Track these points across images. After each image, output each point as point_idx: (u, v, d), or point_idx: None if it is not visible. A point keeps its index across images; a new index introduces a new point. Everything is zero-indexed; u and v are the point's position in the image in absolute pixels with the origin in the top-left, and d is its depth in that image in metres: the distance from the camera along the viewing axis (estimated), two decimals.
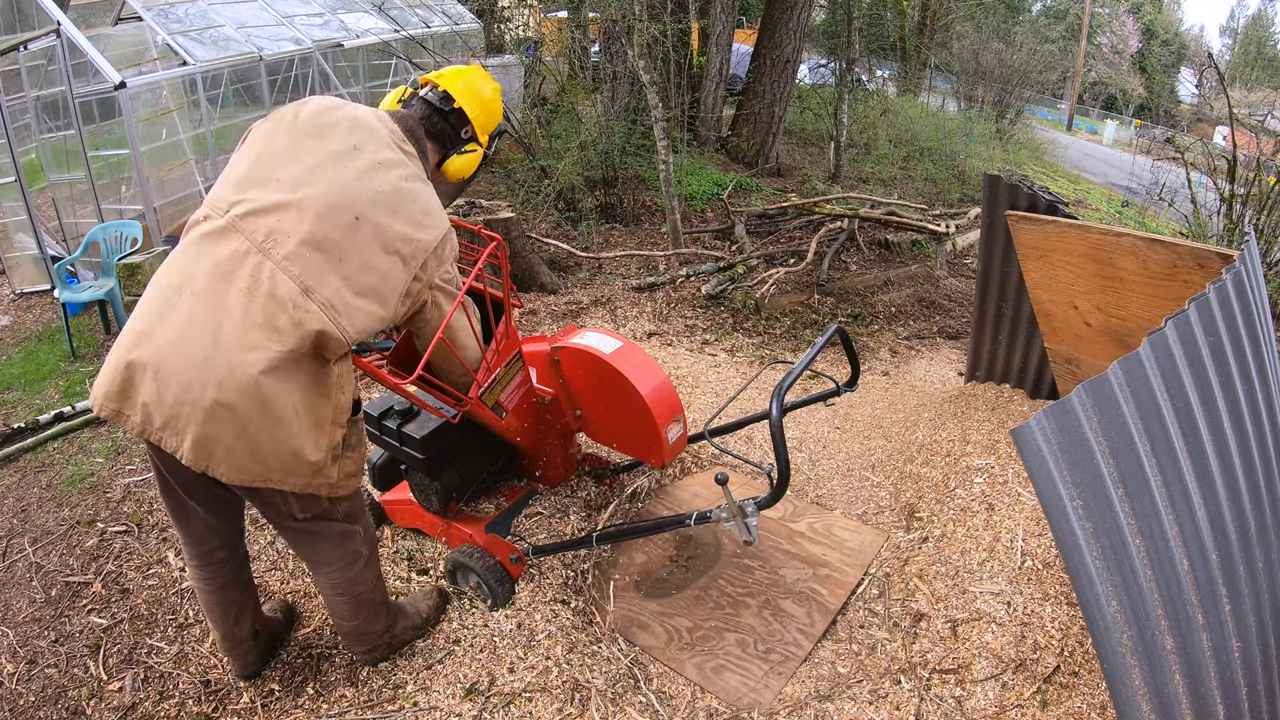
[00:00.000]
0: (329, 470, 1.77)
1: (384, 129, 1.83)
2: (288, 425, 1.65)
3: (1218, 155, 5.80)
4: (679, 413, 2.40)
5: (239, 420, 1.61)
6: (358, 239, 1.68)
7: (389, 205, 1.73)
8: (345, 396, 1.78)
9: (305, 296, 1.62)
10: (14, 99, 5.56)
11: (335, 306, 1.65)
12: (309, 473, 1.74)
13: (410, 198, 1.78)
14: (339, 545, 2.00)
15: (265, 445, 1.65)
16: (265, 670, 2.26)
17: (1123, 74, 30.91)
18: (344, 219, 1.67)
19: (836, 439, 3.60)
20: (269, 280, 1.60)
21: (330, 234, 1.65)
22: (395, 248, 1.73)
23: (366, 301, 1.69)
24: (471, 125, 2.01)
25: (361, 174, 1.72)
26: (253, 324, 1.59)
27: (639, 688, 2.21)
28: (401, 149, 1.84)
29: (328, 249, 1.65)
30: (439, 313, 1.92)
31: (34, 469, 3.40)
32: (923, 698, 2.11)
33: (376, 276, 1.70)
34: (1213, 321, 1.58)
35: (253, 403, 1.60)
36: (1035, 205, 3.00)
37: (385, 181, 1.75)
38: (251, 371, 1.59)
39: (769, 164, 8.94)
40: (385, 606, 2.19)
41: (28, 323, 5.20)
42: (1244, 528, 1.55)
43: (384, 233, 1.71)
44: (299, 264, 1.62)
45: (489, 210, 5.10)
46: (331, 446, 1.75)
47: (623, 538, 2.59)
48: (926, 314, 5.48)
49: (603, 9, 7.37)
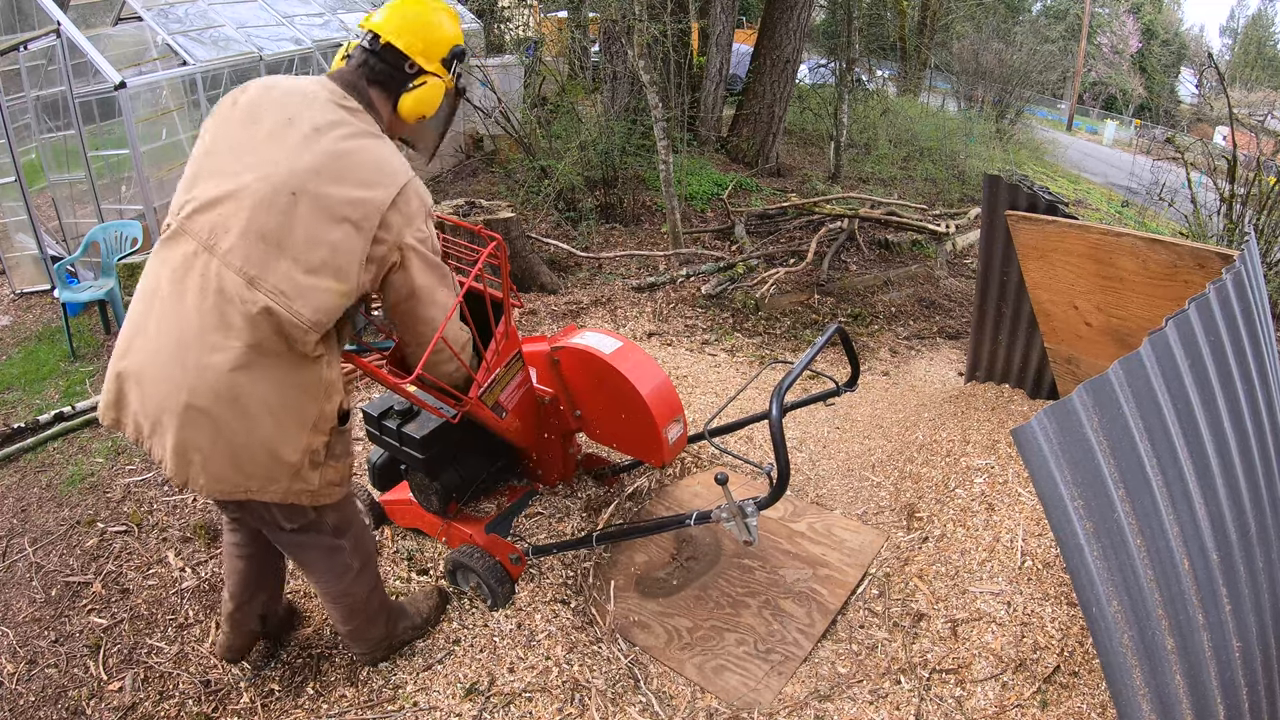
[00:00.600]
0: (308, 475, 1.73)
1: (324, 93, 1.72)
2: (261, 422, 1.63)
3: (1218, 155, 5.80)
4: (679, 413, 2.40)
5: (213, 423, 1.61)
6: (298, 216, 1.60)
7: (330, 171, 1.62)
8: (331, 404, 1.74)
9: (251, 288, 1.58)
10: (14, 99, 5.56)
11: (285, 291, 1.59)
12: (287, 477, 1.70)
13: (353, 157, 1.66)
14: (327, 558, 1.98)
15: (240, 448, 1.64)
16: (267, 670, 2.26)
17: (1123, 74, 30.91)
18: (281, 199, 1.59)
19: (836, 439, 3.60)
20: (216, 278, 1.59)
21: (269, 218, 1.59)
22: (344, 214, 1.62)
23: (321, 278, 1.61)
24: (411, 58, 1.79)
25: (296, 147, 1.63)
26: (209, 326, 1.59)
27: (639, 688, 2.21)
28: (343, 107, 1.71)
29: (268, 234, 1.59)
30: (405, 277, 1.73)
31: (34, 469, 3.39)
32: (923, 698, 2.11)
33: (327, 250, 1.61)
34: (1213, 321, 1.58)
35: (224, 403, 1.60)
36: (1035, 205, 3.00)
37: (322, 147, 1.64)
38: (222, 370, 1.59)
39: (769, 164, 8.94)
40: (382, 613, 2.18)
41: (28, 323, 5.20)
42: (1244, 527, 1.55)
43: (327, 201, 1.61)
44: (240, 255, 1.58)
45: (489, 210, 5.10)
46: (310, 450, 1.71)
47: (623, 538, 2.59)
48: (926, 314, 5.48)
49: (603, 9, 7.37)
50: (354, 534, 2.01)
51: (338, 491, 1.85)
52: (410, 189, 1.71)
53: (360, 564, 2.04)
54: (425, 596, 2.38)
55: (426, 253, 1.75)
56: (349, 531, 1.99)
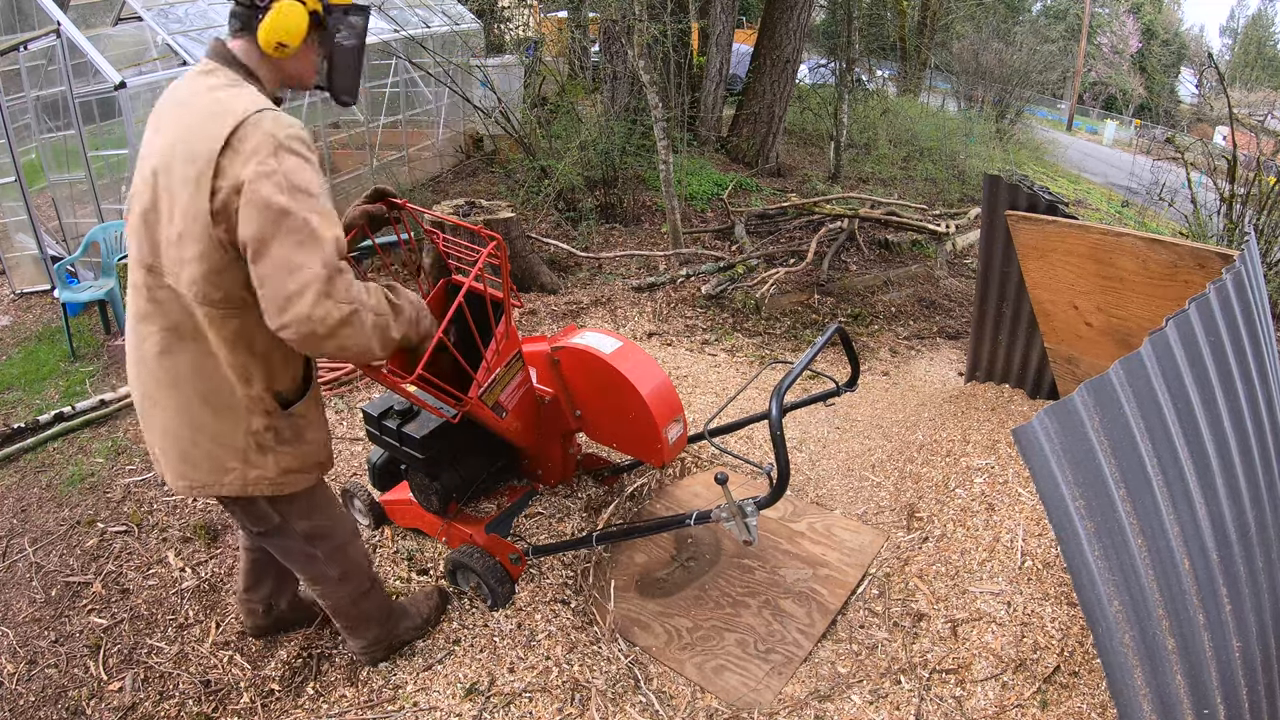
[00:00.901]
0: (258, 460, 1.70)
1: (200, 68, 1.63)
2: (193, 406, 1.66)
3: (1218, 155, 5.80)
4: (679, 413, 2.40)
5: (161, 414, 1.69)
6: (159, 191, 1.55)
7: (183, 137, 1.52)
8: (256, 387, 1.67)
9: (150, 274, 1.61)
10: (14, 99, 5.56)
11: (165, 269, 1.58)
12: (237, 462, 1.69)
13: (199, 108, 1.53)
14: (305, 566, 1.99)
15: (185, 438, 1.68)
16: (267, 670, 2.26)
17: (1123, 74, 30.91)
18: (148, 181, 1.57)
19: (836, 439, 3.59)
20: (134, 272, 1.66)
21: (145, 203, 1.59)
22: (191, 175, 1.49)
23: (186, 246, 1.53)
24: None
25: (165, 128, 1.58)
26: (138, 316, 1.67)
27: (639, 688, 2.20)
28: (203, 73, 1.60)
29: (148, 217, 1.59)
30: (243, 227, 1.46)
31: (34, 469, 3.39)
32: (923, 698, 2.11)
33: (188, 219, 1.51)
34: (1213, 321, 1.58)
35: (164, 390, 1.67)
36: (1035, 205, 3.00)
37: (179, 116, 1.56)
38: (152, 356, 1.65)
39: (769, 164, 8.94)
40: (376, 616, 2.17)
41: (28, 323, 5.20)
42: (1244, 527, 1.55)
43: (179, 168, 1.51)
44: (135, 244, 1.64)
45: (489, 210, 5.10)
46: (251, 433, 1.68)
47: (623, 538, 2.58)
48: (926, 314, 5.48)
49: (603, 9, 7.37)
50: (331, 545, 1.97)
51: (300, 480, 1.80)
52: (249, 123, 1.48)
53: (339, 574, 2.00)
54: (426, 597, 2.39)
55: (268, 194, 1.45)
56: (324, 541, 1.95)
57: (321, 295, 1.46)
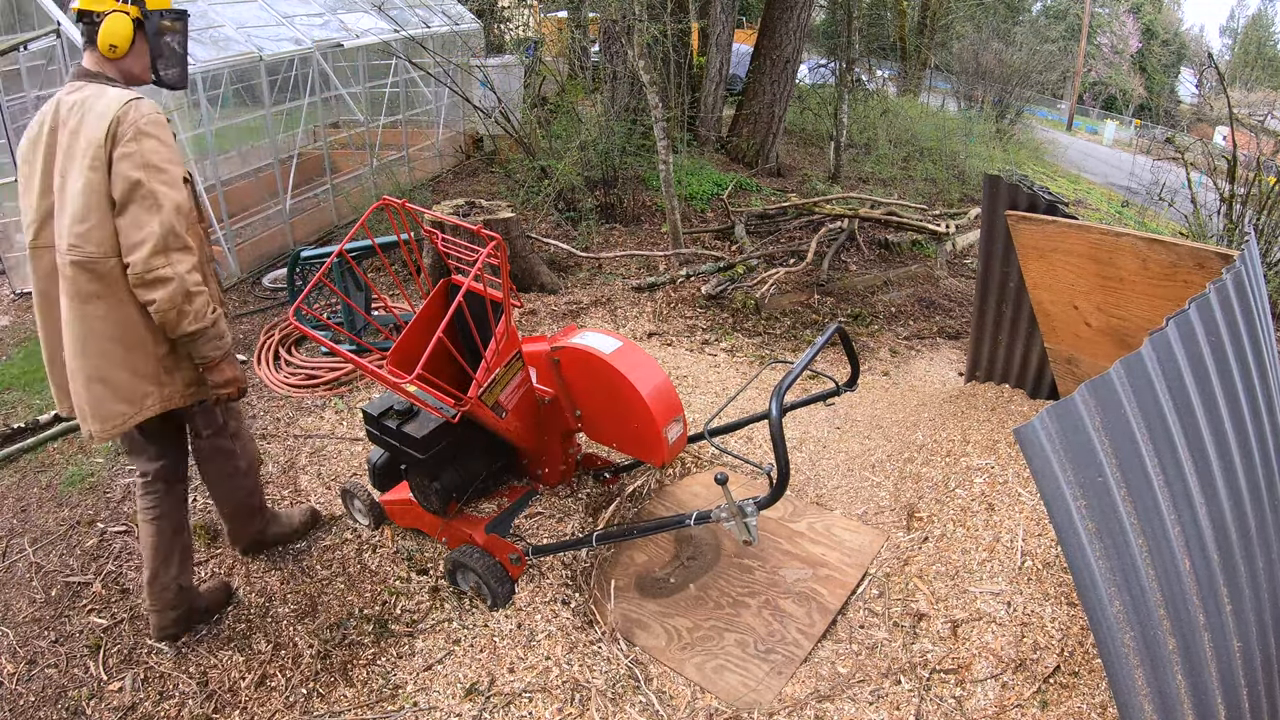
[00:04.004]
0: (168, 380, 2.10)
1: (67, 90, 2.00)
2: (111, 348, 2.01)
3: (1218, 155, 5.80)
4: (679, 413, 2.40)
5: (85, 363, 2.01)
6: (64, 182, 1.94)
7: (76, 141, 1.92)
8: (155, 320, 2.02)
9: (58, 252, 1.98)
10: (14, 99, 5.55)
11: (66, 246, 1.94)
12: (153, 385, 2.08)
13: (85, 111, 1.92)
14: (225, 461, 2.43)
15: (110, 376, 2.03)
16: (267, 670, 2.26)
17: (1123, 74, 30.92)
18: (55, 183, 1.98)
19: (836, 439, 3.59)
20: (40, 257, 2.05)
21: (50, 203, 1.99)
22: (85, 166, 1.89)
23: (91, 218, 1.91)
24: (89, 9, 2.00)
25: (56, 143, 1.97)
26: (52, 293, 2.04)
27: (639, 688, 2.20)
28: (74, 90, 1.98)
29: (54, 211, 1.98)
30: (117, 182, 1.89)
31: (34, 469, 3.39)
32: (923, 698, 2.11)
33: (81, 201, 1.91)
34: (1213, 321, 1.58)
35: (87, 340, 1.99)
36: (1035, 205, 3.00)
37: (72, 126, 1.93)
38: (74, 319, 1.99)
39: (769, 164, 8.93)
40: (259, 514, 2.62)
41: (28, 323, 5.19)
42: (1244, 528, 1.55)
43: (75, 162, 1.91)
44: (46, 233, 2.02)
45: (489, 210, 5.10)
46: (159, 358, 2.07)
47: (623, 538, 2.58)
48: (926, 314, 5.48)
49: (603, 9, 7.37)
50: (243, 441, 2.49)
51: (202, 391, 2.18)
52: (120, 115, 1.90)
53: (247, 465, 2.50)
54: (300, 512, 2.82)
55: (127, 170, 1.89)
56: (240, 438, 2.47)
57: (156, 251, 1.91)
